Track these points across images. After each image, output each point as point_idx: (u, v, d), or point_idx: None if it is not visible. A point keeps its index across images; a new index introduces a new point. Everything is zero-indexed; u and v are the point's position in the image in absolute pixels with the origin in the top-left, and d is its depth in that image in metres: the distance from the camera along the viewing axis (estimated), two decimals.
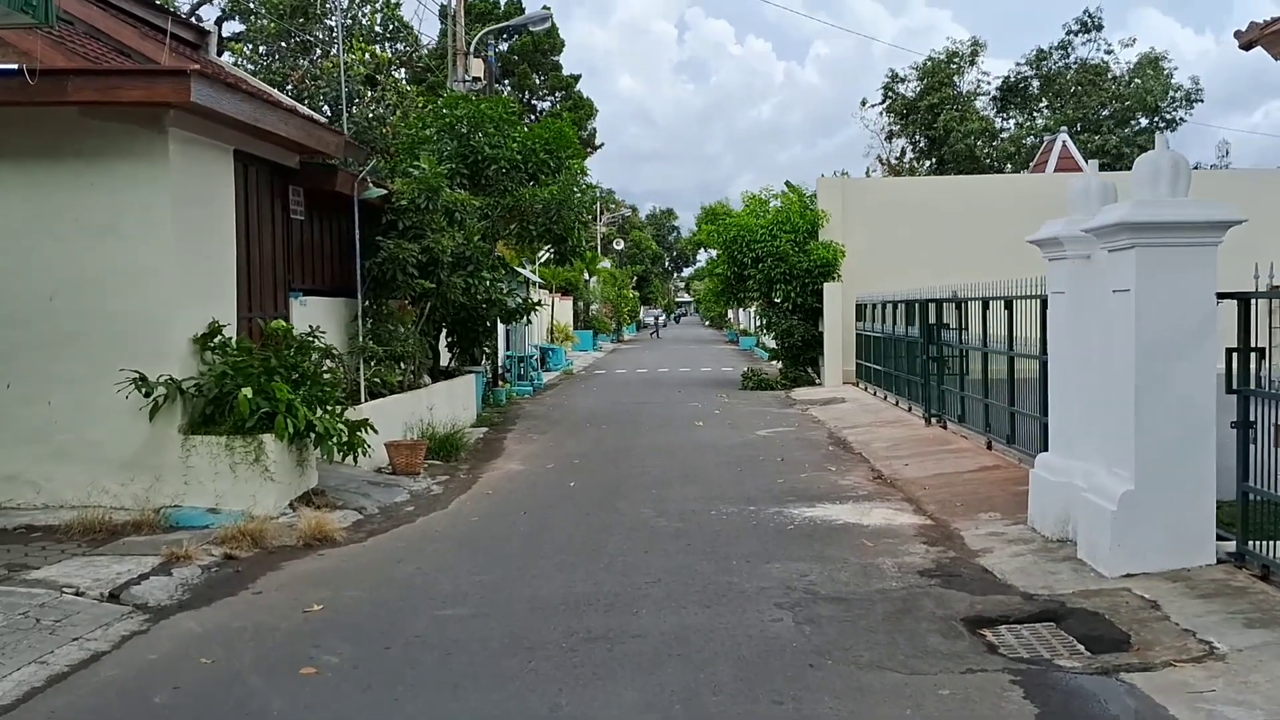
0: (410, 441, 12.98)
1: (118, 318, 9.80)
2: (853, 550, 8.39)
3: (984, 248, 24.24)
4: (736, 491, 11.17)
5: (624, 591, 7.34)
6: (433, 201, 14.41)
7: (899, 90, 51.19)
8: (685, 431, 16.74)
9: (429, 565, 8.28)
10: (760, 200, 25.90)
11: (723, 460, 13.50)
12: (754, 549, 8.50)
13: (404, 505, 10.90)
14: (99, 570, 7.93)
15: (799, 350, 24.81)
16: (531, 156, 17.51)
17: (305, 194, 12.96)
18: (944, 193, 26.07)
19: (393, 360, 14.14)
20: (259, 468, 9.73)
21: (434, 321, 16.59)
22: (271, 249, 12.12)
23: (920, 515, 9.76)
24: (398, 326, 14.74)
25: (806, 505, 10.27)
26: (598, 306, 55.85)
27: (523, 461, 13.88)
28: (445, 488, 11.95)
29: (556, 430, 17.34)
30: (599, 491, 11.43)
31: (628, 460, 13.73)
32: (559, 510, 10.45)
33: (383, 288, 14.28)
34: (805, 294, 24.38)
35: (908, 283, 21.15)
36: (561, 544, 8.89)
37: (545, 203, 17.03)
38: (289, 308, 12.50)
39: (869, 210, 24.98)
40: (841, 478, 11.95)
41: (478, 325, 18.08)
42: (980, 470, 11.66)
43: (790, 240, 24.33)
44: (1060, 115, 46.65)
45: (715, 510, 10.15)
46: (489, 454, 14.66)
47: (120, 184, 9.81)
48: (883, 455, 13.39)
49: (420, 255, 14.16)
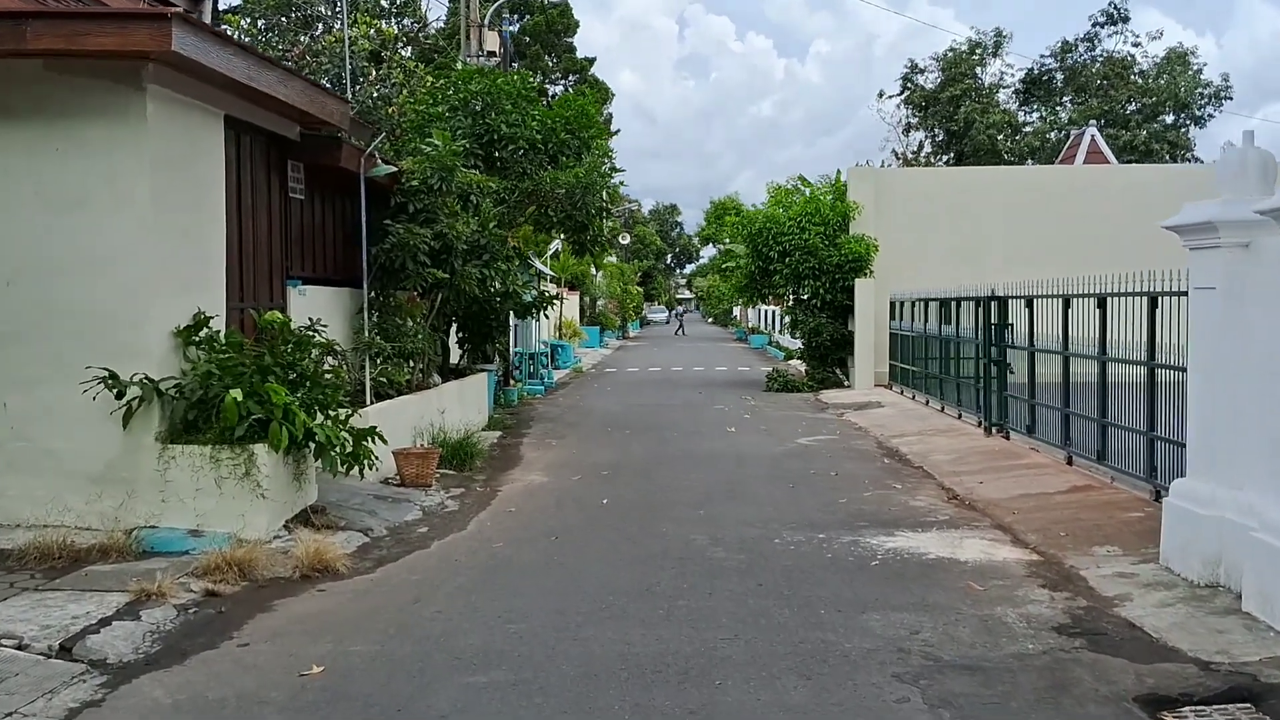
0: (421, 449, 11.57)
1: (85, 307, 8.39)
2: (961, 596, 6.98)
3: (1027, 242, 22.93)
4: (796, 514, 9.76)
5: (696, 652, 5.93)
6: (446, 182, 12.98)
7: (918, 81, 49.73)
8: (718, 438, 15.33)
9: (451, 608, 6.87)
10: (786, 191, 24.46)
11: (769, 474, 12.09)
12: (840, 592, 7.09)
13: (416, 526, 9.49)
14: (50, 613, 6.52)
15: (827, 350, 23.38)
16: (552, 137, 16.07)
17: (306, 170, 11.53)
18: (982, 184, 24.64)
19: (401, 358, 12.72)
20: (249, 483, 8.33)
21: (444, 315, 15.18)
22: (267, 231, 10.69)
23: (1022, 548, 8.35)
24: (406, 320, 13.32)
25: (883, 533, 8.86)
26: (604, 302, 54.45)
27: (545, 472, 12.46)
28: (461, 503, 10.54)
29: (576, 435, 15.93)
30: (636, 510, 10.02)
31: (662, 472, 12.32)
32: (594, 534, 9.04)
33: (390, 277, 12.86)
34: (835, 290, 22.96)
35: (944, 279, 19.82)
36: (605, 580, 7.48)
37: (568, 187, 15.58)
38: (286, 298, 11.08)
39: (903, 202, 23.56)
40: (911, 497, 10.54)
41: (490, 320, 16.69)
42: (1072, 491, 10.25)
43: (820, 233, 22.91)
44: (1084, 109, 45.21)
45: (778, 538, 8.74)
46: (506, 462, 13.25)
47: (90, 151, 8.40)
48: (948, 470, 11.98)
49: (433, 242, 12.73)
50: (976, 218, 23.40)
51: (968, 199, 23.66)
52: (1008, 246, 22.89)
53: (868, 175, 24.81)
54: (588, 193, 15.76)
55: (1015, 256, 22.31)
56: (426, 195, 12.99)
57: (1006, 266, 21.03)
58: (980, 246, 22.98)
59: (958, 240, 23.20)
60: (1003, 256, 22.40)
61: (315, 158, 11.33)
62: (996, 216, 23.39)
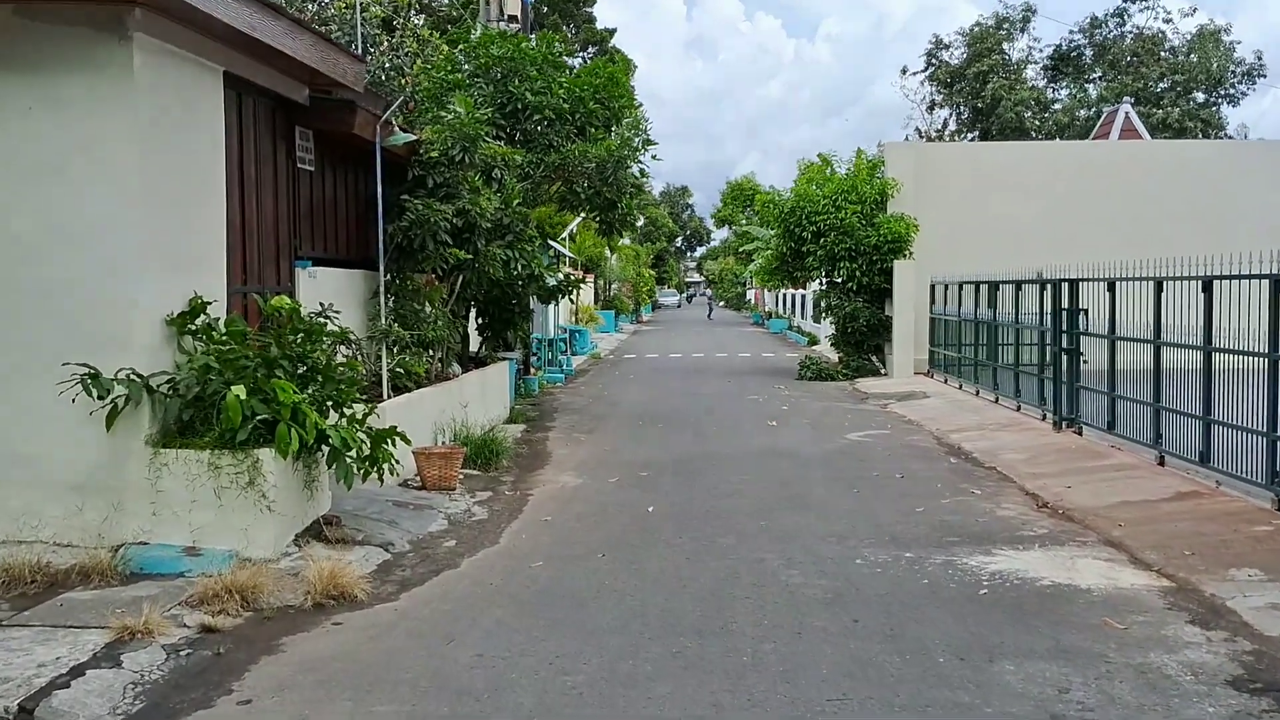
0: (444, 449, 10.46)
1: (63, 291, 7.29)
2: (1100, 637, 5.85)
3: (1077, 222, 21.73)
4: (871, 526, 8.63)
5: (800, 718, 4.81)
6: (469, 154, 11.82)
7: (942, 58, 48.29)
8: (760, 433, 14.20)
9: (492, 650, 5.76)
10: (819, 167, 23.22)
11: (827, 475, 10.95)
12: (954, 632, 5.96)
13: (442, 538, 8.38)
14: (12, 659, 5.44)
15: (863, 336, 22.17)
16: (579, 106, 14.87)
17: (316, 138, 10.39)
18: (1029, 159, 23.33)
19: (420, 347, 11.60)
20: (253, 494, 7.23)
21: (464, 300, 14.05)
22: (273, 206, 9.57)
23: (1145, 570, 7.21)
24: (424, 305, 12.21)
25: (980, 551, 7.73)
26: (617, 286, 53.29)
27: (577, 472, 11.35)
28: (490, 510, 9.43)
29: (605, 429, 14.81)
30: (689, 521, 8.90)
31: (707, 473, 11.20)
32: (646, 551, 7.92)
33: (408, 259, 11.73)
34: (872, 273, 21.74)
35: (989, 261, 18.71)
36: (671, 614, 6.37)
37: (599, 161, 14.38)
38: (294, 280, 9.96)
39: (944, 179, 22.30)
40: (995, 505, 9.40)
41: (512, 305, 15.55)
42: (1179, 499, 9.10)
43: (856, 212, 21.68)
44: (1114, 86, 43.77)
45: (860, 557, 7.61)
46: (534, 461, 12.14)
47: (68, 111, 7.28)
48: (1026, 472, 10.84)
49: (454, 219, 11.59)
50: (1023, 196, 22.16)
51: (1014, 176, 22.41)
52: (1056, 227, 21.67)
53: (907, 150, 23.55)
54: (620, 167, 14.56)
55: (1065, 237, 21.13)
56: (447, 168, 11.84)
57: (1055, 248, 19.82)
58: (1027, 226, 21.76)
59: (1003, 220, 21.98)
60: (1051, 237, 21.19)
61: (326, 124, 10.19)
62: (1045, 195, 22.16)
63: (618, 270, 50.86)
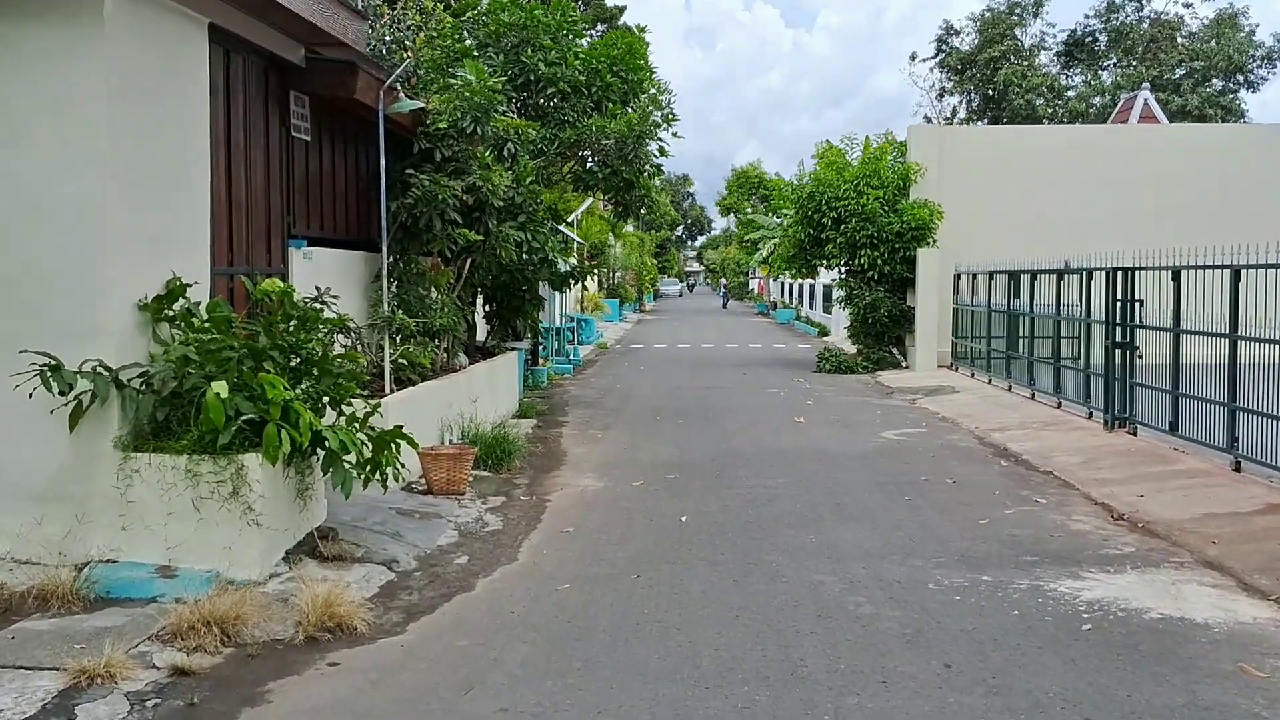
0: (453, 449, 9.51)
1: (22, 272, 6.36)
2: (1242, 689, 4.93)
3: (1108, 208, 20.82)
4: (934, 541, 7.70)
5: None
6: (481, 126, 10.85)
7: (953, 43, 47.22)
8: (787, 430, 13.27)
9: (520, 702, 4.83)
10: (838, 151, 22.22)
11: (871, 480, 10.03)
12: (1068, 682, 5.03)
13: (453, 554, 7.45)
14: None
15: (884, 327, 21.22)
16: (596, 79, 13.89)
17: (313, 105, 9.43)
18: (1055, 143, 22.31)
19: (426, 336, 10.65)
20: (237, 505, 6.30)
21: (471, 285, 13.10)
22: (264, 178, 8.61)
23: (1260, 599, 6.29)
24: (430, 290, 11.26)
25: (1066, 574, 6.81)
26: (621, 274, 52.27)
27: (597, 474, 10.42)
28: (505, 519, 8.50)
29: (622, 424, 13.88)
30: (729, 533, 7.98)
31: (739, 475, 10.27)
32: (686, 572, 6.99)
33: (412, 239, 10.78)
34: (894, 261, 20.79)
35: (1015, 249, 17.89)
36: (727, 653, 5.43)
37: (618, 136, 13.40)
38: (288, 262, 9.01)
39: (968, 164, 21.33)
40: (1065, 516, 8.47)
41: (523, 291, 14.61)
42: (1273, 511, 8.18)
43: (878, 198, 20.72)
44: (1131, 73, 42.75)
45: (932, 580, 6.68)
46: (549, 460, 11.20)
47: (29, 66, 6.35)
48: (1087, 478, 9.91)
49: (464, 196, 10.62)
50: (1049, 181, 21.23)
51: (1039, 160, 21.43)
52: (1085, 213, 20.79)
53: (931, 134, 22.56)
54: (640, 144, 13.59)
55: (1093, 224, 20.30)
56: (456, 141, 10.87)
57: (1083, 235, 19.09)
58: (1053, 213, 20.88)
59: (1028, 206, 21.07)
60: (1079, 224, 20.37)
61: (324, 88, 9.22)
62: (1072, 180, 21.21)
63: (622, 258, 49.84)
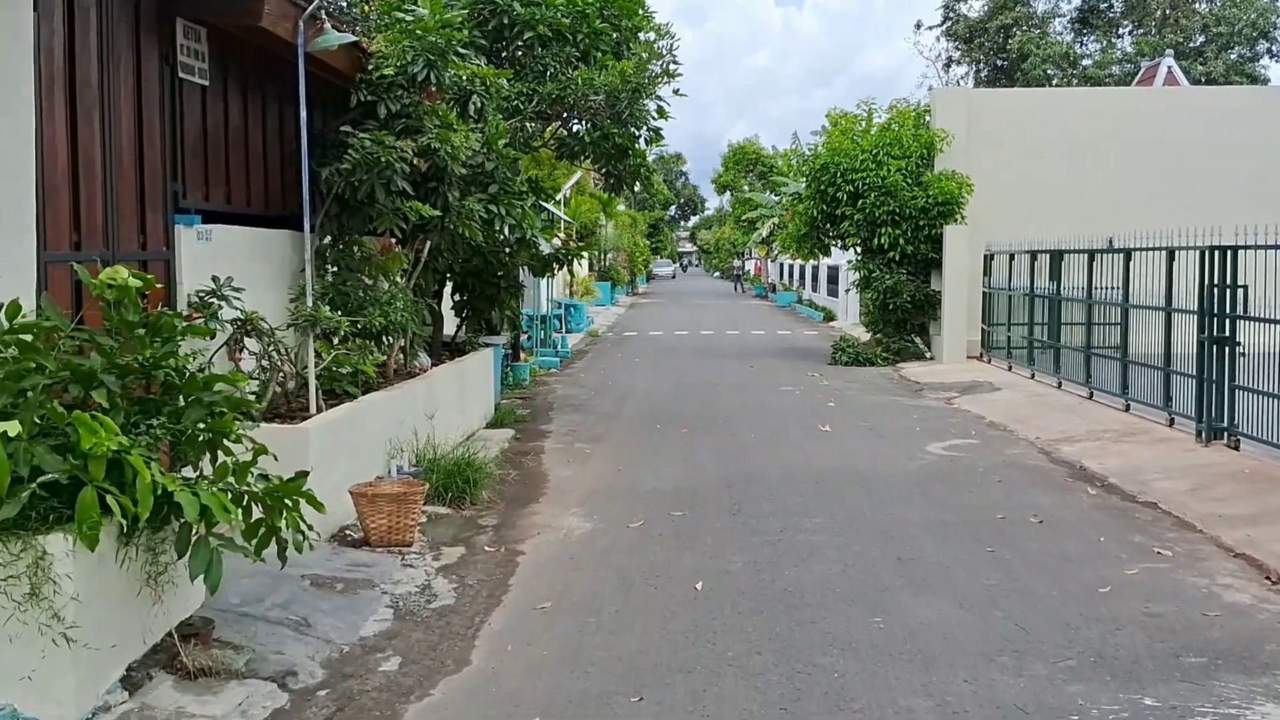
0: (398, 486, 7.34)
1: None
2: None
3: (1158, 181, 18.70)
4: (1047, 623, 5.59)
5: None
6: (436, 73, 8.67)
7: (961, 11, 44.91)
8: (813, 442, 11.15)
9: None
10: (853, 118, 19.99)
11: (933, 517, 7.90)
12: None
13: (380, 653, 5.31)
14: None
15: (906, 314, 19.08)
16: (582, 24, 11.69)
17: (213, 39, 7.24)
18: (1098, 108, 20.01)
19: (368, 337, 8.49)
20: (39, 611, 4.18)
21: (435, 271, 10.93)
22: (134, 131, 6.43)
23: None
24: (378, 279, 9.11)
25: (1258, 689, 4.70)
26: (613, 255, 50.00)
27: (584, 508, 8.30)
28: (460, 585, 6.37)
29: (615, 435, 11.75)
30: (761, 610, 5.86)
31: (763, 511, 8.16)
32: (708, 687, 4.86)
33: (352, 214, 8.60)
34: (918, 240, 18.64)
35: (1048, 225, 16.12)
36: None
37: (609, 91, 11.19)
38: (174, 242, 6.84)
39: (1000, 131, 19.14)
40: (1209, 579, 6.37)
41: (497, 278, 12.42)
42: None
43: (900, 169, 18.54)
44: (1151, 40, 40.53)
45: (1075, 711, 4.57)
46: (525, 488, 9.07)
47: None
48: (1204, 513, 7.81)
49: (415, 160, 8.45)
50: (1092, 150, 19.08)
51: (1081, 127, 19.25)
52: (1133, 184, 18.67)
53: (958, 98, 20.33)
54: (635, 100, 11.37)
55: (1139, 196, 18.22)
56: (406, 92, 8.69)
57: (1126, 208, 17.19)
58: (1099, 186, 18.80)
59: (1069, 178, 18.97)
60: (1121, 196, 18.34)
61: (220, 14, 7.03)
62: (1118, 149, 19.07)
63: (614, 239, 47.56)
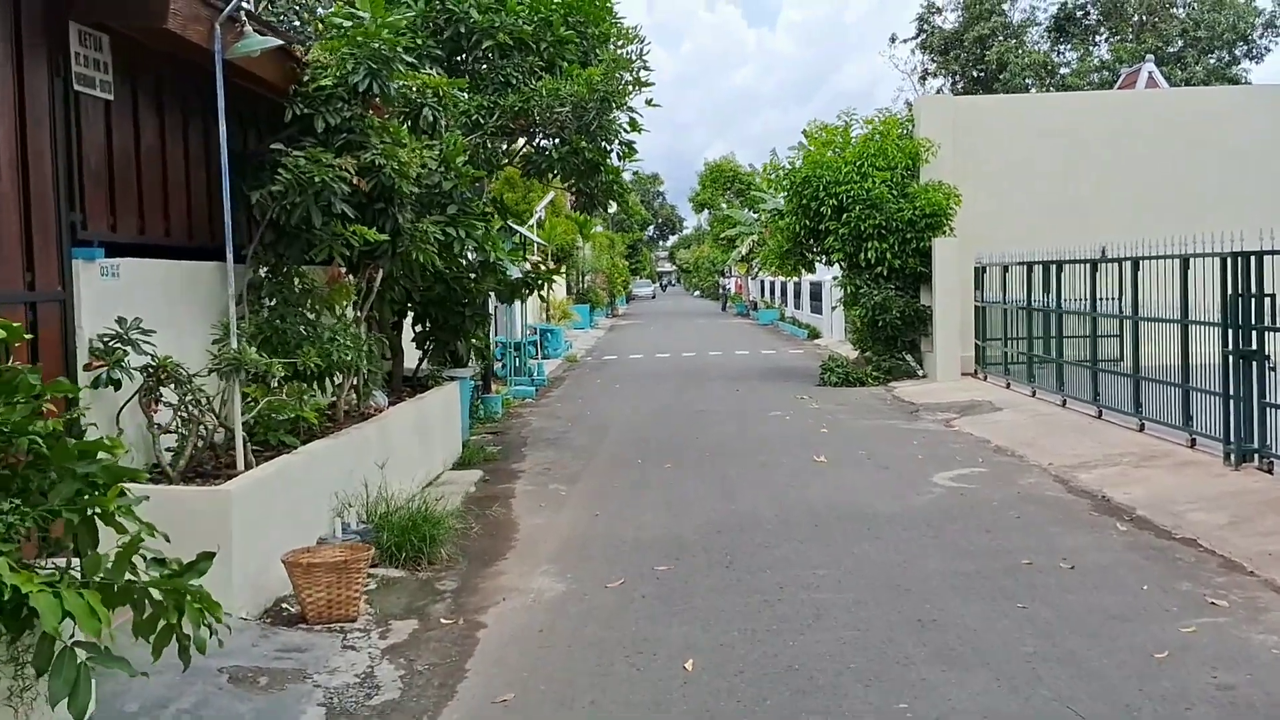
0: (339, 551, 6.39)
1: None
2: None
3: (1155, 185, 18.04)
4: (1106, 703, 4.70)
5: None
6: (381, 82, 7.79)
7: (935, 23, 44.47)
8: (809, 476, 10.26)
9: None
10: (833, 129, 19.23)
11: (954, 567, 7.01)
12: None
13: None
14: None
15: (896, 331, 18.26)
16: (546, 32, 10.84)
17: (114, 46, 6.33)
18: (1088, 112, 19.29)
19: (307, 379, 7.55)
20: None
21: (391, 301, 10.02)
22: (16, 152, 5.50)
23: None
24: (321, 313, 8.20)
25: None
26: (591, 277, 49.15)
27: (557, 565, 7.37)
28: (409, 673, 5.42)
29: (593, 473, 10.83)
30: (765, 698, 4.94)
31: (760, 560, 7.25)
32: None
33: (289, 242, 7.70)
34: (905, 254, 17.85)
35: (1041, 237, 15.47)
36: None
37: (575, 101, 10.33)
38: (69, 280, 5.90)
39: (987, 139, 18.44)
40: (1278, 634, 5.50)
41: (462, 306, 11.50)
42: None
43: (885, 180, 17.78)
44: (1130, 46, 40.12)
45: None
46: (492, 540, 8.13)
47: None
48: (1253, 551, 6.96)
49: (357, 179, 7.54)
50: (1083, 156, 18.41)
51: (1070, 132, 18.55)
52: (1128, 191, 18.04)
53: (943, 106, 19.59)
54: (604, 110, 10.51)
55: (1140, 203, 17.62)
56: (347, 104, 7.80)
57: (1126, 216, 16.65)
58: (1092, 192, 18.17)
59: (1060, 185, 18.32)
60: (1117, 204, 17.77)
61: (121, 19, 6.12)
62: (1110, 153, 18.41)
63: (591, 260, 46.72)
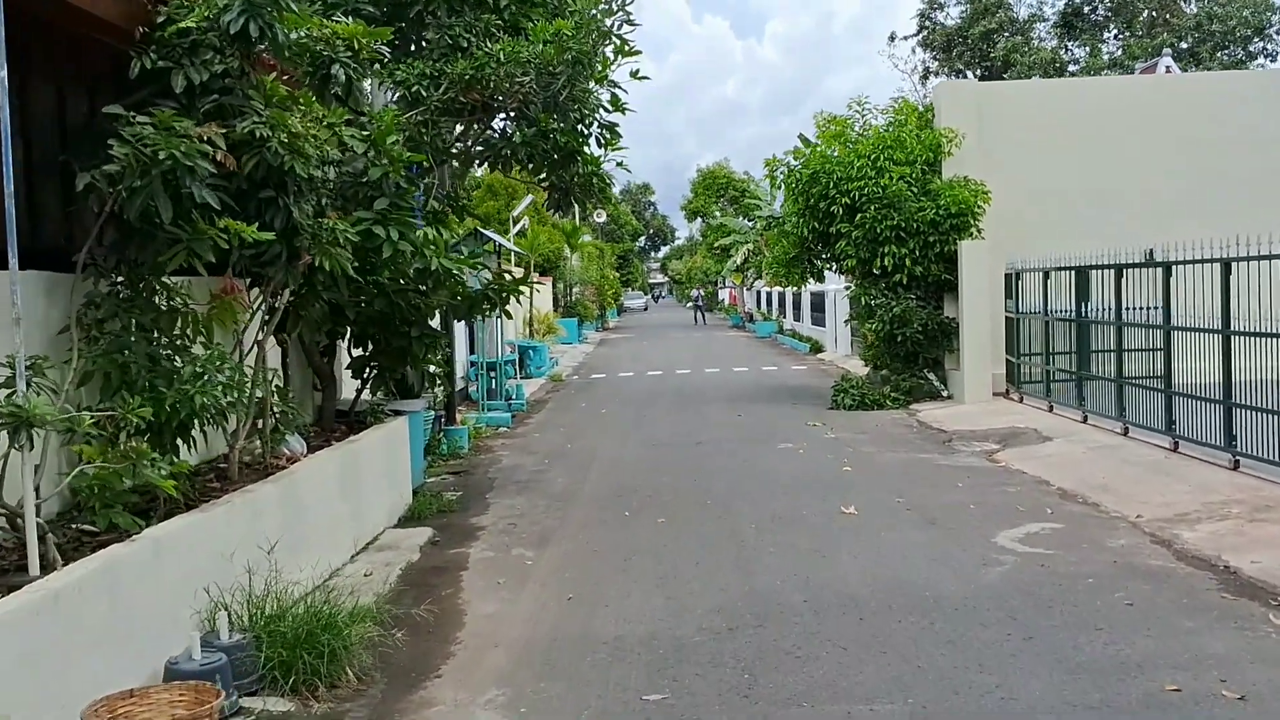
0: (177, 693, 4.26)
1: None
2: None
3: (1202, 178, 16.05)
4: None
5: None
6: (262, 23, 5.71)
7: (937, 19, 42.57)
8: (838, 532, 8.17)
9: None
10: (845, 121, 17.19)
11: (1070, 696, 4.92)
12: None
13: None
14: None
15: (918, 346, 16.20)
16: None
17: None
18: (1126, 98, 17.14)
19: (158, 433, 5.44)
20: None
21: (311, 321, 7.90)
22: None
23: None
24: (193, 339, 6.09)
25: None
26: (580, 289, 47.07)
27: (508, 686, 5.26)
28: None
29: (570, 530, 8.72)
30: None
31: (792, 681, 5.17)
32: None
33: (141, 243, 5.60)
34: (926, 259, 15.82)
35: (1079, 238, 13.76)
36: None
37: (540, 64, 8.24)
38: None
39: (1016, 130, 16.39)
40: None
41: (408, 325, 9.38)
42: None
43: (904, 175, 15.74)
44: (1142, 42, 38.27)
45: None
46: (426, 647, 5.99)
47: None
48: None
49: (225, 156, 5.45)
50: (1121, 147, 16.40)
51: (1106, 121, 16.54)
52: (1173, 184, 16.08)
53: (966, 93, 17.55)
54: (576, 77, 8.40)
55: (1185, 198, 15.70)
56: (220, 55, 5.72)
57: (1170, 213, 14.79)
58: (1132, 187, 16.18)
59: (1097, 180, 16.30)
60: (1165, 198, 15.82)
61: None
62: (1150, 144, 16.40)
63: (579, 271, 44.63)
